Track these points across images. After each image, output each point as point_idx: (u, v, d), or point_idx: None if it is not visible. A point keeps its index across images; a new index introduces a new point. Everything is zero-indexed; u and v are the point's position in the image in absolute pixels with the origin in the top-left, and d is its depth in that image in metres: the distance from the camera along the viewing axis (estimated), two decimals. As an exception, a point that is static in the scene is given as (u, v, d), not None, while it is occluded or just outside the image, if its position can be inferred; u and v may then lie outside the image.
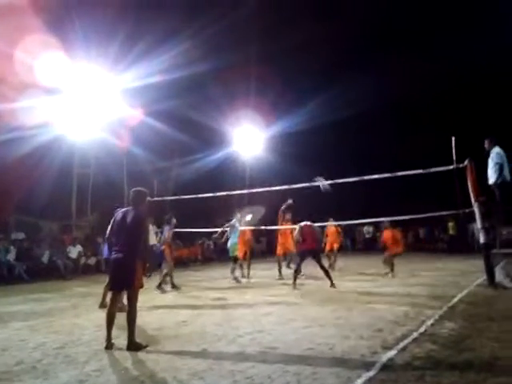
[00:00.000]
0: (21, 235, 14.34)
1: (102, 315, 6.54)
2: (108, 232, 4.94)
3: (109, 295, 5.18)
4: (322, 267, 9.12)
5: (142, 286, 4.81)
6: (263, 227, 12.82)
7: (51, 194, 15.49)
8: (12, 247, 12.91)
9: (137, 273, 4.67)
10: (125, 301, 5.19)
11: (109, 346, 4.57)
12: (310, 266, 11.45)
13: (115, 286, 4.81)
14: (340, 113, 21.72)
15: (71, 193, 17.75)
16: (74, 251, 14.48)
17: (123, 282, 4.70)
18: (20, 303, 8.29)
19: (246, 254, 11.63)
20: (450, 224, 19.79)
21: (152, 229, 10.16)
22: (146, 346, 4.52)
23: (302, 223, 9.62)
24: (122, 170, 19.46)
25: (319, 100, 21.82)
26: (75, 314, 6.81)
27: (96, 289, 10.41)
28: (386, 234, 11.20)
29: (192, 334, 5.17)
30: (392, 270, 10.71)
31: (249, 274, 11.46)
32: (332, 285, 8.82)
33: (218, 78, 20.24)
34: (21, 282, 12.03)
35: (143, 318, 5.32)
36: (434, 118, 24.16)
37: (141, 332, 4.96)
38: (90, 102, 15.67)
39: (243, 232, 11.37)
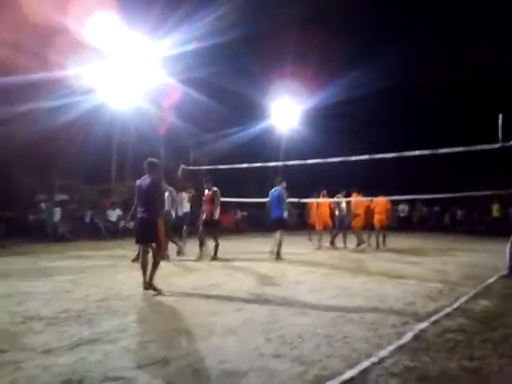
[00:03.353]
0: (65, 196, 14.99)
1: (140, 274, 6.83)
2: (135, 196, 5.76)
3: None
4: None
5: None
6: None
7: (93, 160, 16.00)
8: (57, 208, 13.55)
9: (159, 228, 5.51)
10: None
11: (145, 287, 5.44)
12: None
13: (143, 240, 5.70)
14: (381, 84, 20.81)
15: (111, 159, 18.31)
16: (114, 214, 15.05)
17: (149, 237, 5.57)
18: (63, 259, 8.76)
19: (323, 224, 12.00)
20: (495, 206, 19.03)
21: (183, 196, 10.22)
22: (160, 292, 5.33)
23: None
24: (159, 138, 19.78)
25: (359, 71, 20.99)
26: (115, 272, 7.15)
27: (135, 252, 10.81)
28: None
29: (225, 295, 5.35)
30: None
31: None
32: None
33: (256, 47, 19.93)
34: (64, 241, 12.68)
35: (176, 280, 5.54)
36: (480, 94, 22.83)
37: (175, 291, 5.26)
38: (131, 70, 15.77)
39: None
